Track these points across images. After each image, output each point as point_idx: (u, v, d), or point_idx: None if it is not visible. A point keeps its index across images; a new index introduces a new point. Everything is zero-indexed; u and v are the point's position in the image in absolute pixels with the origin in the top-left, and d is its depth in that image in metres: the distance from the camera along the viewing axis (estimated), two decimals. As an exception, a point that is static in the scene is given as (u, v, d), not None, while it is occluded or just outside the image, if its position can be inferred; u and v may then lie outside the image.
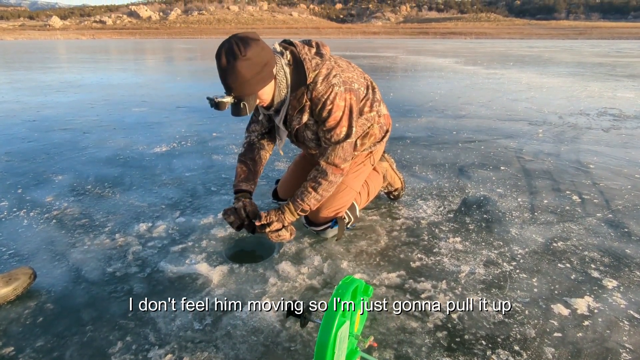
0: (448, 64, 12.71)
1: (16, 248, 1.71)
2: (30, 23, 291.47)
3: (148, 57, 17.98)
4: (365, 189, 1.86)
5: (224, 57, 1.34)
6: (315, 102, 1.50)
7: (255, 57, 1.35)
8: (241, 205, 1.60)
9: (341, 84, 1.50)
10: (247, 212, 1.60)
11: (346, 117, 1.52)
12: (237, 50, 1.32)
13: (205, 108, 4.94)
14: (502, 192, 2.34)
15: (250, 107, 1.42)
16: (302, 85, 1.49)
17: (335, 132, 1.53)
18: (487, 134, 3.68)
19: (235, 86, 1.36)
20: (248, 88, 1.38)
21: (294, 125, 1.58)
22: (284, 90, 1.51)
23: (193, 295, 1.40)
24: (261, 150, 1.76)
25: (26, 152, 3.11)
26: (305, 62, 1.48)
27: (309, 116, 1.55)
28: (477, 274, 1.54)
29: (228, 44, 1.35)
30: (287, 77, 1.49)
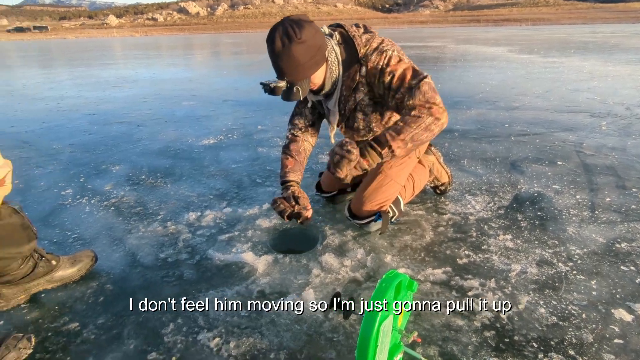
0: (501, 52, 12.08)
1: (79, 232, 1.85)
2: (89, 22, 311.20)
3: (196, 52, 18.61)
4: (411, 183, 1.82)
5: (278, 40, 1.30)
6: (373, 74, 1.45)
7: (309, 39, 1.32)
8: (290, 193, 1.58)
9: (395, 50, 1.45)
10: (297, 200, 1.56)
11: (410, 68, 1.42)
12: (292, 33, 1.29)
13: (250, 101, 5.05)
14: (558, 188, 2.20)
15: (304, 91, 1.39)
16: (354, 63, 1.46)
17: (406, 83, 1.40)
18: (543, 126, 3.47)
19: (290, 70, 1.33)
20: (302, 72, 1.35)
21: (348, 107, 1.55)
22: (336, 72, 1.49)
23: (239, 283, 1.44)
24: (305, 143, 1.76)
25: (87, 143, 3.34)
26: (356, 39, 1.46)
27: (366, 94, 1.52)
28: (529, 274, 1.46)
29: (282, 26, 1.31)
30: (339, 57, 1.47)
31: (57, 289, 1.44)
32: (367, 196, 1.67)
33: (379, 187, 1.68)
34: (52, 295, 1.41)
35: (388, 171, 1.70)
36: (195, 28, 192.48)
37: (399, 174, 1.73)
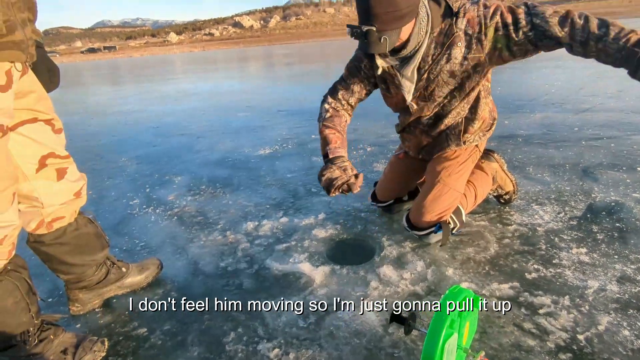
0: (567, 55, 11.32)
1: (146, 241, 1.96)
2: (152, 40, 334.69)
3: (251, 64, 19.31)
4: (472, 192, 1.74)
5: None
6: (476, 23, 1.33)
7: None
8: (349, 165, 1.42)
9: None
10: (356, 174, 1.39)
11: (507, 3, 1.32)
12: None
13: (303, 111, 5.13)
14: (638, 197, 2.00)
15: (392, 43, 1.27)
16: (447, 17, 1.34)
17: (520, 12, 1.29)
18: (618, 129, 3.18)
19: (383, 16, 1.20)
20: (396, 20, 1.22)
21: (435, 70, 1.41)
22: (424, 30, 1.34)
23: (297, 294, 1.45)
24: (344, 120, 1.60)
25: (152, 155, 3.55)
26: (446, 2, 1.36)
27: (463, 49, 1.36)
28: (608, 291, 1.34)
29: None
30: (429, 13, 1.33)
31: (127, 295, 1.53)
32: (427, 206, 1.61)
33: (438, 197, 1.61)
34: (122, 301, 1.50)
35: (447, 179, 1.63)
36: (249, 41, 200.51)
37: (458, 181, 1.66)
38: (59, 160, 1.17)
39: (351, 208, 2.12)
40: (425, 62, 1.41)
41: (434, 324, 0.98)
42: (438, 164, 1.68)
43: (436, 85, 1.46)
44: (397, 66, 1.45)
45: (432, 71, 1.42)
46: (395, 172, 1.91)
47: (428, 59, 1.41)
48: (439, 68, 1.41)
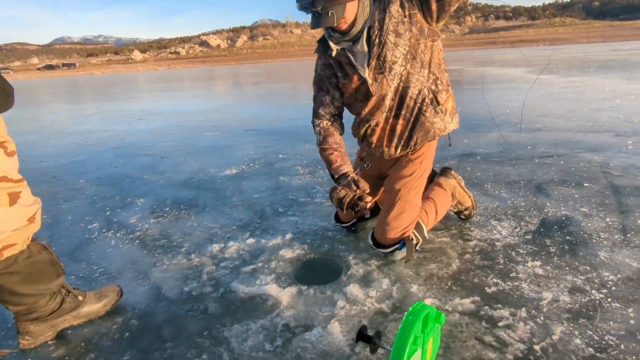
0: (520, 74, 12.03)
1: (105, 267, 1.88)
2: (115, 58, 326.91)
3: (218, 83, 19.22)
4: (433, 208, 1.80)
5: None
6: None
7: None
8: (351, 179, 1.56)
9: None
10: (358, 184, 1.55)
11: None
12: None
13: (271, 130, 5.14)
14: (587, 211, 2.13)
15: (339, 16, 1.37)
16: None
17: None
18: (567, 147, 3.40)
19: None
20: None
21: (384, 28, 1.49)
22: (367, 9, 1.47)
23: (264, 316, 1.43)
24: (337, 135, 1.70)
25: (113, 176, 3.44)
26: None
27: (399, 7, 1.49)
28: (561, 302, 1.41)
29: None
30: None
31: (83, 325, 1.46)
32: (390, 223, 1.65)
33: (400, 213, 1.66)
34: (78, 332, 1.43)
35: (407, 196, 1.68)
36: (216, 60, 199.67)
37: (416, 196, 1.73)
38: (11, 184, 1.12)
39: (318, 227, 2.13)
40: (374, 28, 1.50)
41: (398, 341, 1.00)
42: (396, 182, 1.72)
43: (387, 49, 1.51)
44: (350, 46, 1.54)
45: (380, 35, 1.50)
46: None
47: (375, 24, 1.50)
48: (384, 29, 1.49)
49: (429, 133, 1.65)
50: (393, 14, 1.49)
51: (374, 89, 1.58)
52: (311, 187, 2.80)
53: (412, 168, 1.72)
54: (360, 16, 1.45)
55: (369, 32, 1.51)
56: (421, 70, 1.57)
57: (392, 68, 1.53)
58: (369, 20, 1.49)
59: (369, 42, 1.52)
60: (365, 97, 1.62)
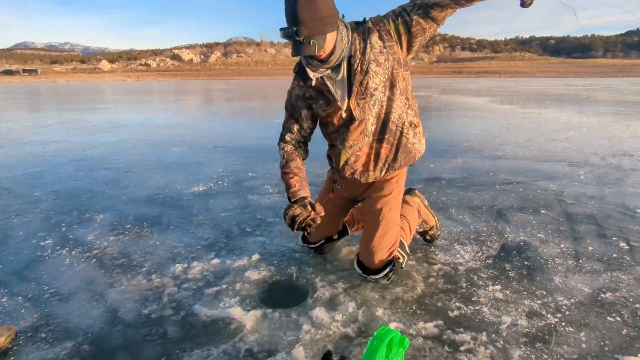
0: (483, 103, 12.63)
1: (57, 287, 1.77)
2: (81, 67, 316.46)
3: (189, 97, 18.98)
4: (407, 224, 1.84)
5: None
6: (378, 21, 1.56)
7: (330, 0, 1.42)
8: (307, 202, 1.61)
9: None
10: (314, 207, 1.61)
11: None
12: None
13: (242, 148, 5.11)
14: (543, 237, 2.23)
15: (319, 46, 1.41)
16: (360, 26, 1.56)
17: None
18: (525, 175, 3.58)
19: (311, 23, 1.36)
20: (322, 26, 1.39)
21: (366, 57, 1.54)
22: (345, 41, 1.52)
23: (226, 340, 1.39)
24: (299, 160, 1.75)
25: (71, 190, 3.28)
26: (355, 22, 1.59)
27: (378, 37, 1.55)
28: (519, 326, 1.45)
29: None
30: (347, 27, 1.53)
31: (28, 351, 1.35)
32: (376, 245, 1.66)
33: (385, 233, 1.68)
34: (22, 357, 1.33)
35: (389, 215, 1.70)
36: (188, 74, 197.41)
37: (397, 214, 1.76)
38: None
39: (286, 248, 2.11)
40: (355, 57, 1.54)
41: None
42: (377, 202, 1.74)
43: (369, 77, 1.56)
44: (329, 74, 1.57)
45: (362, 63, 1.55)
46: (326, 214, 1.92)
47: (357, 53, 1.54)
48: (366, 57, 1.54)
49: (410, 154, 1.71)
50: (373, 45, 1.55)
51: (357, 114, 1.61)
52: (280, 206, 2.78)
53: (390, 187, 1.75)
54: (338, 45, 1.50)
55: (349, 61, 1.55)
56: (399, 97, 1.64)
57: (373, 94, 1.59)
58: (348, 49, 1.54)
59: (350, 70, 1.56)
60: (348, 122, 1.64)
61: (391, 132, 1.66)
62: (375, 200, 1.75)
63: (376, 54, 1.56)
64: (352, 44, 1.54)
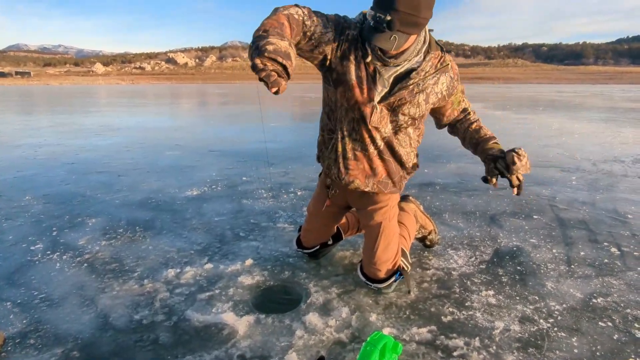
0: (477, 108, 12.58)
1: (47, 292, 1.75)
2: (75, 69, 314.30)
3: (183, 101, 18.92)
4: (407, 232, 1.84)
5: None
6: (455, 73, 1.56)
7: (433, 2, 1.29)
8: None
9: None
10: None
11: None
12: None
13: (236, 152, 5.10)
14: (535, 242, 2.25)
15: (398, 45, 1.29)
16: (439, 49, 1.50)
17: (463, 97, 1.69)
18: (517, 180, 3.60)
19: (404, 16, 1.23)
20: (411, 26, 1.27)
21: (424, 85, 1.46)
22: (418, 48, 1.42)
23: (219, 346, 1.38)
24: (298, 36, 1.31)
25: (63, 194, 3.25)
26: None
27: (446, 85, 1.51)
28: (512, 331, 1.46)
29: None
30: (427, 38, 1.45)
31: (15, 358, 1.33)
32: (380, 256, 1.65)
33: (387, 244, 1.67)
34: (13, 363, 1.31)
35: (388, 224, 1.69)
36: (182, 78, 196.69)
37: (396, 223, 1.76)
38: None
39: (279, 253, 2.11)
40: (418, 75, 1.44)
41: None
42: (375, 215, 1.70)
43: (409, 101, 1.48)
44: (380, 66, 1.45)
45: (418, 85, 1.45)
46: (321, 219, 1.91)
47: (421, 73, 1.45)
48: (424, 86, 1.46)
49: (397, 185, 1.68)
50: (439, 82, 1.49)
51: (374, 119, 1.49)
52: (274, 211, 2.77)
53: (385, 198, 1.72)
54: (409, 51, 1.40)
55: (409, 73, 1.45)
56: (413, 137, 1.65)
57: (398, 117, 1.52)
58: (417, 62, 1.45)
59: (400, 80, 1.45)
60: (363, 117, 1.49)
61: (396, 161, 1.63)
62: (373, 212, 1.71)
63: (433, 92, 1.50)
64: (424, 61, 1.45)
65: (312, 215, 1.91)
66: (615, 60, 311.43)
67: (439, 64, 1.48)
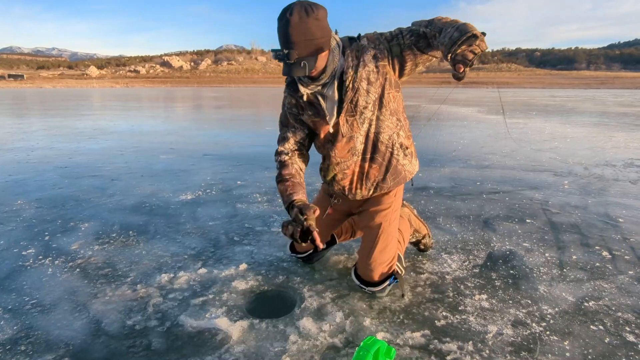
0: (471, 113, 12.81)
1: (39, 297, 1.73)
2: (68, 72, 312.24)
3: (178, 105, 18.88)
4: (401, 237, 1.84)
5: (296, 13, 1.33)
6: (374, 39, 1.55)
7: (323, 20, 1.38)
8: (296, 211, 1.49)
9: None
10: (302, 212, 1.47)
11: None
12: (310, 10, 1.34)
13: (231, 156, 5.09)
14: (528, 246, 2.27)
15: (310, 67, 1.40)
16: (354, 42, 1.55)
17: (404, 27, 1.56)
18: (511, 184, 3.63)
19: (302, 44, 1.35)
20: (314, 48, 1.37)
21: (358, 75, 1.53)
22: (337, 59, 1.50)
23: (212, 352, 1.37)
24: (295, 165, 1.67)
25: (56, 198, 3.23)
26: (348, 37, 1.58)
27: (372, 58, 1.53)
28: (505, 335, 1.47)
29: (300, 3, 1.36)
30: (340, 45, 1.52)
31: (11, 362, 1.32)
32: (376, 259, 1.65)
33: (384, 247, 1.67)
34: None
35: (388, 229, 1.70)
36: (178, 81, 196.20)
37: (395, 228, 1.76)
38: None
39: (274, 258, 2.11)
40: (347, 75, 1.53)
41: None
42: (375, 216, 1.71)
43: (359, 94, 1.55)
44: (319, 90, 1.56)
45: (354, 80, 1.53)
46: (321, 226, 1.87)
47: (349, 71, 1.53)
48: (358, 75, 1.53)
49: (400, 176, 1.69)
50: (367, 63, 1.54)
51: (344, 130, 1.60)
52: (268, 215, 2.77)
53: (389, 201, 1.74)
54: (330, 64, 1.49)
55: (341, 77, 1.55)
56: (390, 118, 1.63)
57: (362, 112, 1.58)
58: (340, 66, 1.54)
59: (341, 86, 1.55)
60: (334, 137, 1.64)
61: (380, 153, 1.65)
62: (374, 214, 1.73)
63: (368, 72, 1.55)
64: (345, 61, 1.54)
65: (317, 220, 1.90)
66: (607, 66, 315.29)
67: (356, 52, 1.55)
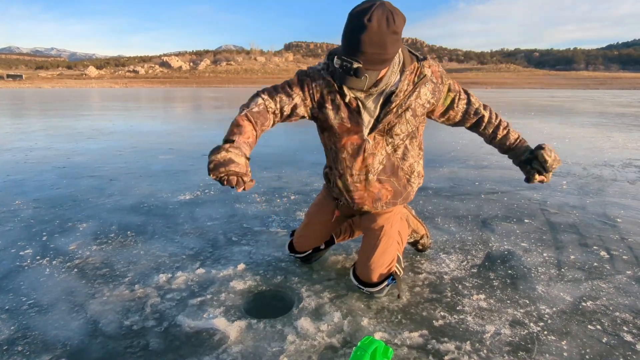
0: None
1: (36, 298, 1.73)
2: (67, 72, 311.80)
3: (177, 105, 18.86)
4: (400, 238, 1.84)
5: (375, 20, 1.20)
6: (438, 75, 1.52)
7: (400, 33, 1.27)
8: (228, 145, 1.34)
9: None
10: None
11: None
12: (392, 20, 1.22)
13: (227, 156, 5.07)
14: (526, 246, 2.27)
15: (370, 82, 1.33)
16: (414, 60, 1.47)
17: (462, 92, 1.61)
18: (510, 185, 3.63)
19: (371, 56, 1.25)
20: (381, 63, 1.29)
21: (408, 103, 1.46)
22: (395, 75, 1.43)
23: (209, 352, 1.37)
24: (269, 123, 1.45)
25: (54, 198, 3.22)
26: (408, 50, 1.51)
27: (429, 93, 1.50)
28: (502, 335, 1.47)
29: (382, 8, 1.21)
30: (402, 61, 1.44)
31: (8, 363, 1.32)
32: (376, 261, 1.65)
33: (385, 250, 1.67)
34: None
35: (390, 231, 1.69)
36: (177, 81, 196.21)
37: (397, 230, 1.76)
38: None
39: (272, 258, 2.10)
40: (397, 97, 1.45)
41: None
42: (378, 218, 1.71)
43: (399, 122, 1.49)
44: (364, 97, 1.47)
45: (401, 106, 1.47)
46: (323, 227, 1.89)
47: (400, 94, 1.45)
48: (407, 104, 1.47)
49: (409, 198, 1.72)
50: (421, 95, 1.49)
51: (369, 147, 1.53)
52: (267, 215, 2.77)
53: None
54: (385, 79, 1.42)
55: (389, 97, 1.46)
56: (415, 148, 1.63)
57: (393, 138, 1.54)
58: (394, 85, 1.45)
59: (385, 105, 1.47)
60: (355, 151, 1.54)
61: (398, 178, 1.63)
62: (377, 216, 1.72)
63: (417, 105, 1.49)
64: (401, 82, 1.45)
65: (313, 223, 1.90)
66: (606, 66, 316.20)
67: (415, 77, 1.47)
